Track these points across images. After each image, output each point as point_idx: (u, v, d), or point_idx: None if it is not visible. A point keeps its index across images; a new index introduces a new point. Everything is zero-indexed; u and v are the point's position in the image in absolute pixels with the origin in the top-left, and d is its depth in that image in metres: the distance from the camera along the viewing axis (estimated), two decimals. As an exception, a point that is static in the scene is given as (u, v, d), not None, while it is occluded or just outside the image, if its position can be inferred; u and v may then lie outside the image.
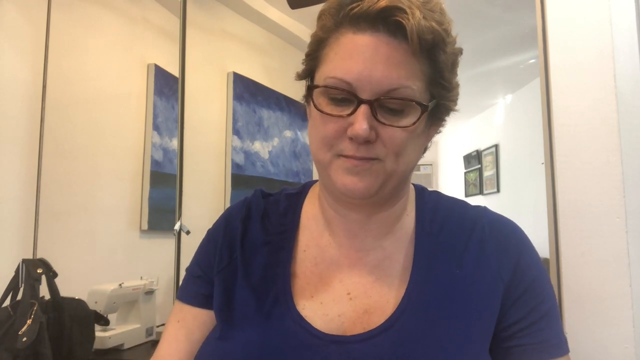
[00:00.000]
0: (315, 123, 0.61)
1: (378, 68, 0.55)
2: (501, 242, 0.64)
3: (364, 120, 0.55)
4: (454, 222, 0.66)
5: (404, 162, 0.59)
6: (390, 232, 0.66)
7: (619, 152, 0.95)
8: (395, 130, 0.57)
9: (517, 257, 0.63)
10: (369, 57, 0.56)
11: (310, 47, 0.64)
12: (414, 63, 0.57)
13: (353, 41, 0.57)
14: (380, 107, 0.56)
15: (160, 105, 2.33)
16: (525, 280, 0.62)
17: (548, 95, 1.06)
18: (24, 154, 1.73)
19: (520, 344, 0.60)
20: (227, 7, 2.76)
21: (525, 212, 3.90)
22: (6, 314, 1.33)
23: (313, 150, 0.63)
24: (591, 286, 0.96)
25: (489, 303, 0.60)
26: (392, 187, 0.61)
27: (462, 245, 0.64)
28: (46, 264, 1.49)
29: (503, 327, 0.61)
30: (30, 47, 1.76)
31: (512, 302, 0.61)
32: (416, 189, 0.71)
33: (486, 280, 0.61)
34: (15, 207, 1.70)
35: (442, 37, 0.57)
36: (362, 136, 0.55)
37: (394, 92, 0.56)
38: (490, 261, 0.62)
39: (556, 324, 0.62)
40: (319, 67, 0.61)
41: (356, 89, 0.56)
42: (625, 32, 0.99)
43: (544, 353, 0.59)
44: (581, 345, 0.96)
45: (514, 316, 0.61)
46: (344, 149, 0.58)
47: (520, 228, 0.68)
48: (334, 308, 0.61)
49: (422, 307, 0.59)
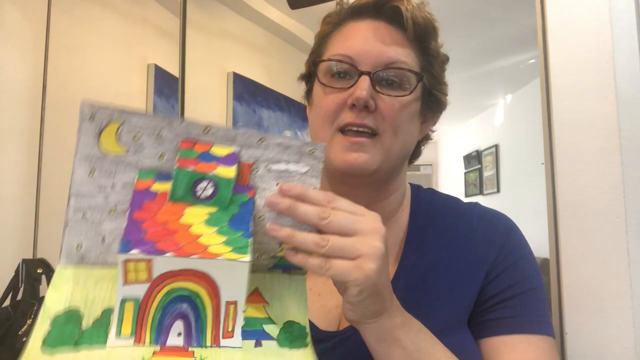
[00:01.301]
0: (318, 102, 0.65)
1: (377, 45, 0.61)
2: (489, 231, 0.66)
3: (364, 86, 0.59)
4: (445, 215, 0.69)
5: (400, 140, 0.62)
6: (386, 225, 0.66)
7: (619, 152, 0.95)
8: (393, 101, 0.61)
9: (502, 241, 0.65)
10: (369, 36, 0.62)
11: (315, 43, 0.69)
12: (409, 47, 0.63)
13: (354, 27, 0.64)
14: (379, 80, 0.61)
15: (160, 105, 2.33)
16: (507, 261, 0.64)
17: (548, 95, 1.06)
18: (24, 154, 1.73)
19: (493, 317, 0.62)
20: (227, 7, 2.76)
21: (525, 212, 3.90)
22: (6, 314, 1.33)
23: (315, 130, 0.65)
24: (591, 286, 0.96)
25: (471, 282, 0.63)
26: (390, 168, 0.63)
27: (451, 234, 0.66)
28: (46, 264, 1.49)
29: (481, 301, 0.63)
30: (30, 47, 1.76)
31: (491, 280, 0.63)
32: (412, 187, 0.73)
33: (471, 263, 0.64)
34: (15, 207, 1.70)
35: (433, 26, 0.64)
36: (363, 99, 0.58)
37: (391, 64, 0.61)
38: (478, 248, 0.65)
39: (536, 304, 0.63)
40: (323, 55, 0.66)
41: (357, 62, 0.61)
42: (625, 32, 0.99)
43: (513, 327, 0.60)
44: (581, 345, 0.96)
45: (490, 292, 0.63)
46: (344, 119, 0.61)
47: (511, 220, 0.69)
48: (331, 300, 0.63)
49: (407, 289, 0.61)
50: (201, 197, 0.42)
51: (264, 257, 0.46)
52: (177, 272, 0.37)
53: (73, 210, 0.42)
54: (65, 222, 0.42)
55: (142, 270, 0.37)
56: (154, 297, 0.38)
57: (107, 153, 0.43)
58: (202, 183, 0.42)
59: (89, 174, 0.43)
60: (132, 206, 0.40)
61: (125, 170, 0.43)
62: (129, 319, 0.37)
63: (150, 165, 0.43)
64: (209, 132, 0.44)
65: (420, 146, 0.72)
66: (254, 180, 0.45)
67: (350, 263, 0.44)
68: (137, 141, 0.43)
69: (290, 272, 0.47)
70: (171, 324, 0.38)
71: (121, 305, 0.37)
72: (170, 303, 0.38)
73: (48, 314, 0.38)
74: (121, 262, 0.36)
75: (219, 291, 0.38)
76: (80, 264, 0.41)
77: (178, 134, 0.43)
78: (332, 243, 0.44)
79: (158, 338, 0.37)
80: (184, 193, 0.42)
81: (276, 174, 0.45)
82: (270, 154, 0.45)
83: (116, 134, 0.43)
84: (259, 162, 0.45)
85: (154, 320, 0.38)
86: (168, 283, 0.38)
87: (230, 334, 0.39)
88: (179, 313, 0.38)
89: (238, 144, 0.44)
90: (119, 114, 0.42)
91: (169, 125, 0.43)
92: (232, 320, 0.39)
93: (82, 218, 0.42)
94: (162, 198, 0.42)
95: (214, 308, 0.39)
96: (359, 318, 0.49)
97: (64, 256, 0.41)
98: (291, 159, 0.45)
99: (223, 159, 0.43)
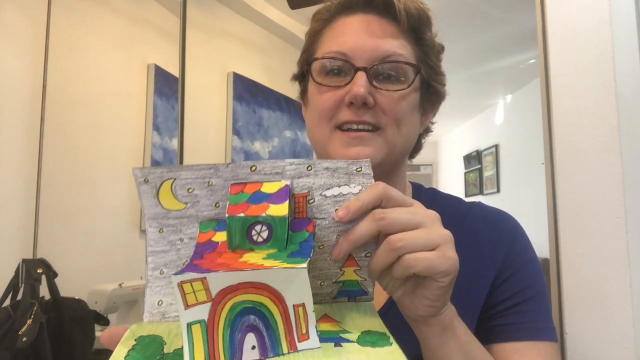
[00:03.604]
0: (313, 101, 0.63)
1: (371, 39, 0.59)
2: (494, 232, 0.65)
3: (361, 82, 0.57)
4: (448, 215, 0.68)
5: (403, 134, 0.61)
6: None
7: (619, 152, 0.95)
8: (392, 95, 0.59)
9: (509, 245, 0.64)
10: (362, 31, 0.60)
11: (306, 41, 0.68)
12: (403, 39, 0.61)
13: (345, 22, 0.62)
14: (375, 75, 0.59)
15: (160, 105, 2.33)
16: (515, 265, 0.63)
17: (548, 95, 1.06)
18: (24, 154, 1.73)
19: (503, 323, 0.61)
20: (227, 7, 2.76)
21: (525, 212, 3.90)
22: (6, 314, 1.33)
23: (312, 129, 0.64)
24: (591, 286, 0.96)
25: (479, 286, 0.62)
26: (392, 162, 0.62)
27: (455, 235, 0.66)
28: (46, 264, 1.49)
29: (488, 306, 0.62)
30: (30, 47, 1.76)
31: (499, 284, 0.62)
32: (413, 186, 0.72)
33: (478, 267, 0.62)
34: (15, 207, 1.70)
35: (426, 16, 0.62)
36: (361, 95, 0.57)
37: (387, 58, 0.59)
38: (483, 250, 0.63)
39: (542, 310, 0.63)
40: (315, 53, 0.64)
41: (352, 58, 0.59)
42: (625, 32, 0.99)
43: (524, 334, 0.60)
44: (581, 345, 0.96)
45: (499, 297, 0.62)
46: (342, 117, 0.59)
47: (514, 219, 0.69)
48: None
49: None
50: (258, 241, 0.41)
51: (326, 283, 0.45)
52: (235, 287, 0.36)
53: (151, 268, 0.42)
54: (145, 281, 0.42)
55: (200, 290, 0.36)
56: (218, 315, 0.36)
57: (170, 209, 0.43)
58: (256, 227, 0.41)
59: (159, 231, 0.43)
60: (193, 257, 0.40)
61: (188, 223, 0.43)
62: (199, 342, 0.36)
63: (209, 216, 0.43)
64: (255, 170, 0.43)
65: (421, 139, 0.71)
66: (312, 211, 0.44)
67: (434, 254, 0.42)
68: (192, 193, 0.43)
69: (357, 299, 0.46)
70: (243, 338, 0.37)
71: (188, 330, 0.36)
72: (237, 317, 0.37)
73: (133, 334, 0.39)
74: (177, 285, 0.35)
75: (282, 297, 0.37)
76: (162, 319, 0.42)
77: (227, 179, 0.43)
78: (407, 238, 0.41)
79: (233, 355, 0.36)
80: (240, 241, 0.41)
81: (332, 200, 0.44)
82: (320, 180, 0.44)
83: (171, 190, 0.43)
84: (312, 190, 0.44)
85: (225, 338, 0.36)
86: (230, 298, 0.36)
87: (306, 336, 0.37)
88: (248, 326, 0.37)
89: (288, 176, 0.43)
90: (168, 171, 0.42)
91: (215, 172, 0.43)
92: (304, 322, 0.37)
93: (160, 275, 0.43)
94: (223, 247, 0.41)
95: (282, 314, 0.37)
96: (434, 311, 0.46)
97: (147, 313, 0.42)
98: (341, 182, 0.44)
99: (274, 196, 0.42)
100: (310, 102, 0.65)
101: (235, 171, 0.43)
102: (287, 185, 0.43)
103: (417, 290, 0.44)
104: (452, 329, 0.48)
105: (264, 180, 0.43)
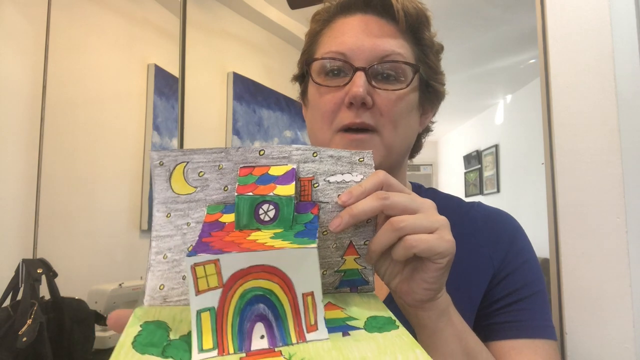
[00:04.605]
0: (314, 102, 0.64)
1: (370, 39, 0.60)
2: (494, 232, 0.65)
3: (360, 82, 0.58)
4: (447, 215, 0.68)
5: (400, 135, 0.62)
6: None
7: (619, 152, 0.95)
8: (391, 95, 0.60)
9: (508, 244, 0.64)
10: (360, 31, 0.60)
11: (306, 42, 0.68)
12: (402, 39, 0.61)
13: (344, 22, 0.62)
14: (374, 75, 0.60)
15: (160, 105, 2.33)
16: (513, 264, 0.63)
17: (548, 95, 1.06)
18: (24, 154, 1.73)
19: (500, 321, 0.61)
20: (227, 7, 2.76)
21: (525, 212, 3.90)
22: (6, 314, 1.33)
23: (313, 131, 0.65)
24: (591, 286, 0.96)
25: (478, 283, 0.62)
26: (392, 164, 0.63)
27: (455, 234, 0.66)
28: (46, 264, 1.49)
29: (485, 304, 0.62)
30: (30, 47, 1.76)
31: (497, 282, 0.62)
32: (413, 186, 0.73)
33: (478, 266, 0.63)
34: (15, 207, 1.70)
35: (425, 15, 0.63)
36: (360, 95, 0.57)
37: (386, 57, 0.59)
38: (483, 250, 0.64)
39: (540, 308, 0.63)
40: (315, 54, 0.65)
41: (350, 58, 0.60)
42: (625, 33, 0.99)
43: (521, 332, 0.60)
44: (581, 345, 0.96)
45: (497, 294, 0.62)
46: (343, 119, 0.60)
47: (513, 218, 0.69)
48: None
49: None
50: (265, 220, 0.42)
51: (328, 272, 0.46)
52: (246, 271, 0.36)
53: (154, 252, 0.43)
54: (147, 265, 0.43)
55: (212, 273, 0.36)
56: (228, 303, 0.37)
57: (180, 194, 0.44)
58: (263, 206, 0.42)
59: (167, 216, 0.44)
60: (201, 235, 0.41)
61: (196, 207, 0.44)
62: (207, 330, 0.36)
63: (217, 199, 0.44)
64: (263, 154, 0.44)
65: (420, 139, 0.71)
66: (316, 195, 0.45)
67: (433, 236, 0.43)
68: (202, 177, 0.44)
69: (358, 288, 0.47)
70: (252, 327, 0.37)
71: (198, 318, 0.36)
72: (247, 306, 0.37)
73: (138, 319, 0.38)
74: (190, 267, 0.35)
75: (292, 284, 0.37)
76: (163, 304, 0.42)
77: (236, 163, 0.44)
78: (408, 220, 0.43)
79: (242, 345, 0.36)
80: (247, 220, 0.42)
81: (335, 186, 0.45)
82: (325, 167, 0.45)
83: (184, 174, 0.44)
84: (317, 175, 0.45)
85: (234, 327, 0.37)
86: (240, 284, 0.37)
87: (314, 327, 0.38)
88: (257, 315, 0.37)
89: (294, 160, 0.45)
90: (182, 154, 0.44)
91: (226, 155, 0.44)
92: (312, 313, 0.38)
93: (163, 259, 0.43)
94: (230, 227, 0.42)
95: (291, 303, 0.38)
96: (432, 295, 0.47)
97: (148, 297, 0.42)
98: (344, 170, 0.46)
99: (281, 178, 0.43)
100: (311, 103, 0.66)
101: (245, 155, 0.44)
102: (294, 169, 0.44)
103: (414, 274, 0.46)
104: (447, 315, 0.49)
105: (271, 164, 0.44)
